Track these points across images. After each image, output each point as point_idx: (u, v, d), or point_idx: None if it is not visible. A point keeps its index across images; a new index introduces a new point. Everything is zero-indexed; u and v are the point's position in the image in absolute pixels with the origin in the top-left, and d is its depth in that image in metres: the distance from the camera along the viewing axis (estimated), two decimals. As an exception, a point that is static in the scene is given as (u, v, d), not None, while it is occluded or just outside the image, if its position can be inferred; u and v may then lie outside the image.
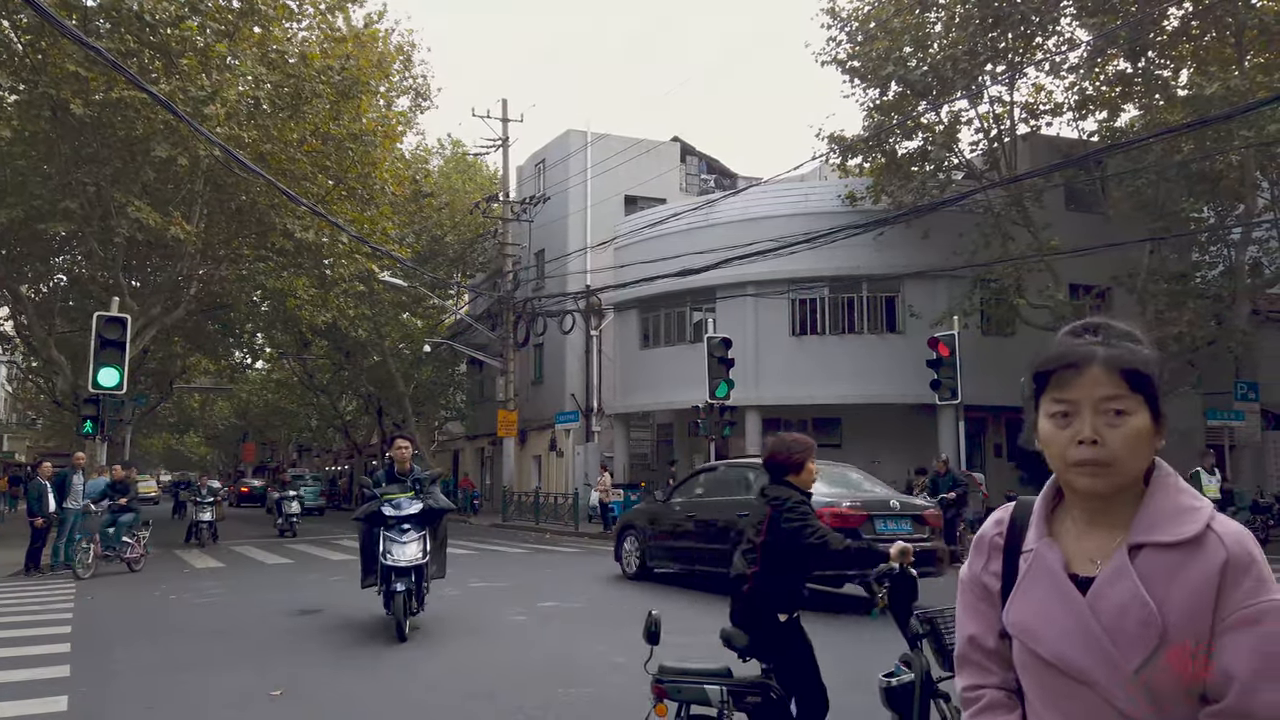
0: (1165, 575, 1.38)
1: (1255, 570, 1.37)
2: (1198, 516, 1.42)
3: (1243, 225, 20.28)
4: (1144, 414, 1.44)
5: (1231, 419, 21.76)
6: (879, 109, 21.08)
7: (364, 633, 8.79)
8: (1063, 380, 1.49)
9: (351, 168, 20.65)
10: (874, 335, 22.59)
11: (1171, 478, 1.49)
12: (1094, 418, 1.44)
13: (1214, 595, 1.36)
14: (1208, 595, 1.36)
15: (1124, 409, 1.43)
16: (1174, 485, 1.47)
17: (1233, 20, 18.13)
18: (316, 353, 37.84)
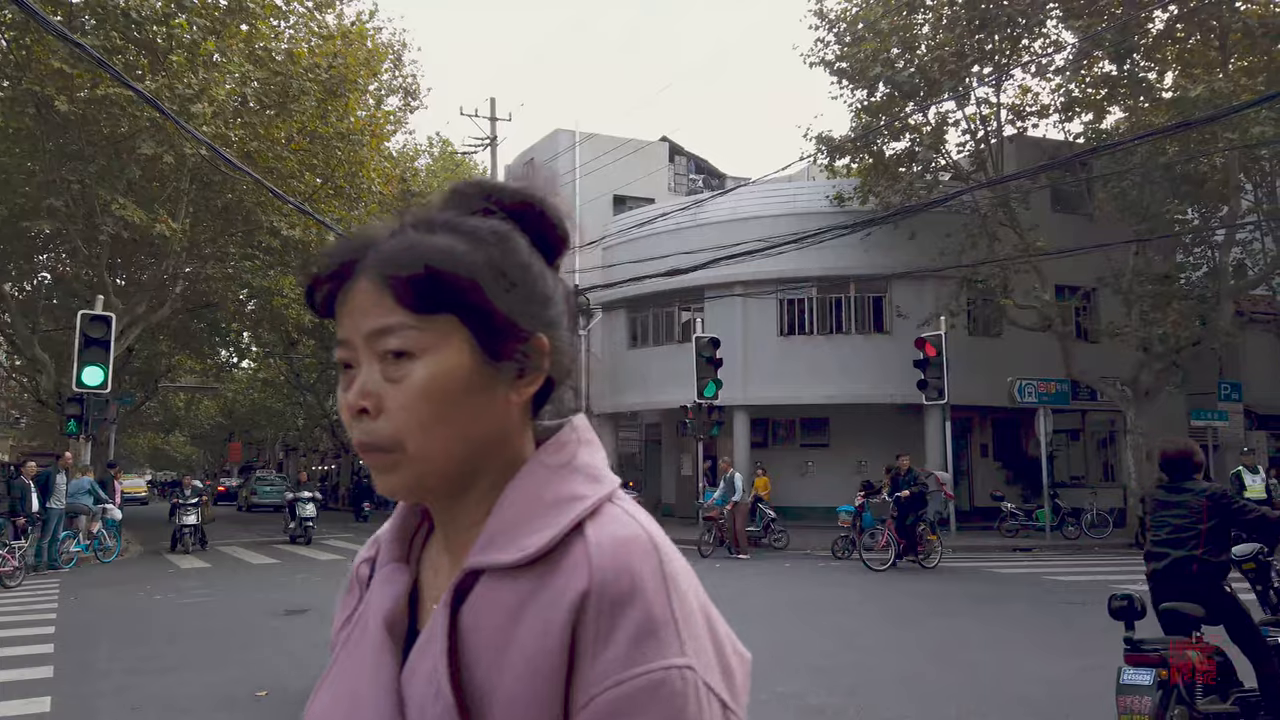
0: (504, 625, 0.75)
1: (640, 611, 0.72)
2: (560, 515, 0.78)
3: (1226, 227, 20.45)
4: (451, 352, 0.79)
5: (1215, 419, 21.95)
6: (867, 110, 21.14)
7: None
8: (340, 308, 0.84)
9: (339, 166, 20.57)
10: (861, 335, 22.66)
11: (558, 456, 0.83)
12: (369, 368, 0.80)
13: (563, 657, 0.72)
14: (552, 659, 0.72)
15: (406, 348, 0.78)
16: (554, 468, 0.82)
17: (1217, 23, 18.28)
18: (304, 352, 37.63)
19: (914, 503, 14.27)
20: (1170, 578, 4.96)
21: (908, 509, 14.24)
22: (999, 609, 10.45)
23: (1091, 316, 23.15)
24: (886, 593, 12.00)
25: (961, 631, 8.94)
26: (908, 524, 14.24)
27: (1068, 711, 5.79)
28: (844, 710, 5.76)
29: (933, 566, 14.12)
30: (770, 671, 6.83)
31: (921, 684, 6.57)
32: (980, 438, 24.76)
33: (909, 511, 14.22)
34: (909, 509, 14.24)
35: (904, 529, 14.24)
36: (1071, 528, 19.02)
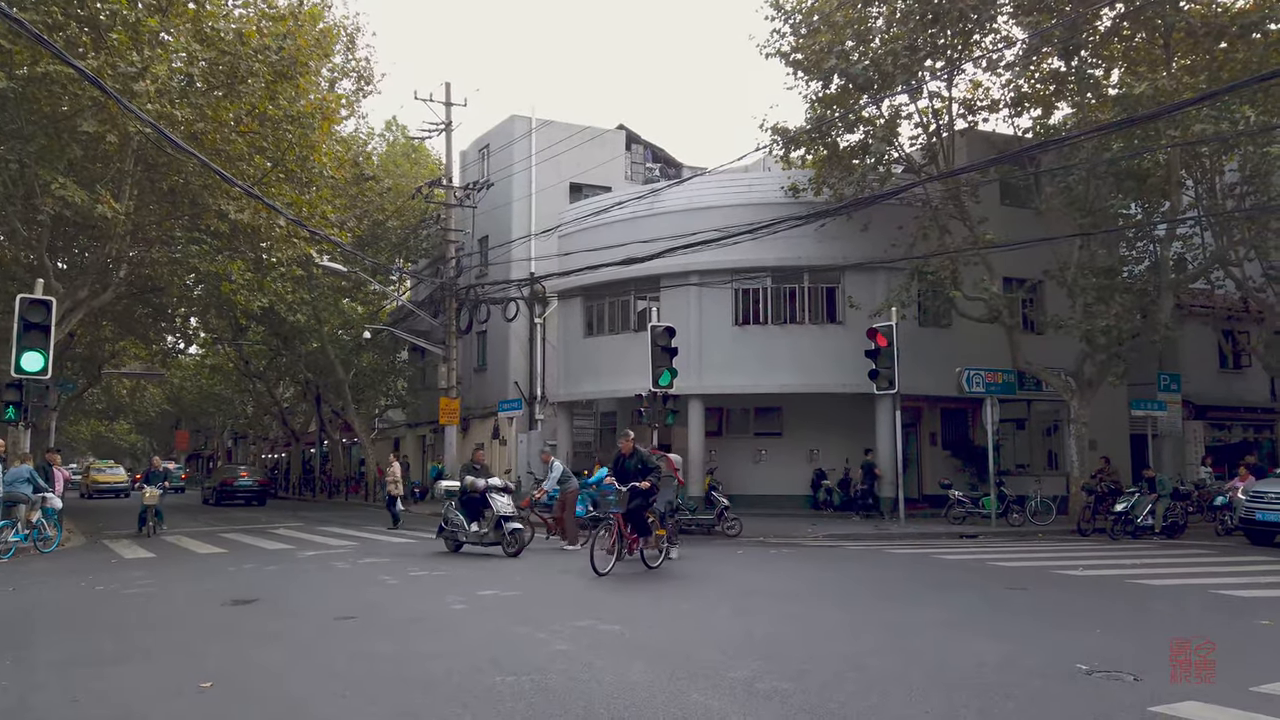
0: None
1: None
2: None
3: (1167, 222, 20.98)
4: None
5: (1155, 409, 22.57)
6: (821, 102, 21.31)
7: (300, 622, 8.68)
8: None
9: (289, 149, 20.19)
10: (815, 325, 22.90)
11: None
12: None
13: None
14: None
15: None
16: None
17: (1161, 22, 18.70)
18: (253, 338, 37.02)
19: (649, 493, 11.97)
20: None
21: (643, 501, 11.92)
22: (943, 594, 10.67)
23: (1037, 308, 23.64)
24: (836, 579, 12.19)
25: (907, 616, 9.12)
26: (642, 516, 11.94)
27: (1009, 693, 5.95)
28: (791, 695, 5.85)
29: (657, 566, 12.13)
30: (721, 657, 6.92)
31: (869, 668, 6.69)
32: (929, 426, 25.19)
33: (636, 501, 11.89)
34: (645, 500, 11.94)
35: (634, 520, 11.93)
36: (1016, 515, 19.46)
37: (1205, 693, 5.89)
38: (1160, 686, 6.07)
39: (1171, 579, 11.84)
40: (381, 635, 8.00)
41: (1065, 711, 5.53)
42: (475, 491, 14.21)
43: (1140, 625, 8.69)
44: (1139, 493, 17.83)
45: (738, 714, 5.45)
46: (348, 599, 10.10)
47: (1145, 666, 6.64)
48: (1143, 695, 5.87)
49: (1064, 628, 8.48)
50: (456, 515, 14.52)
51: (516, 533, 13.86)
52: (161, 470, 19.69)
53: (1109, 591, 10.77)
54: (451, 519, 14.65)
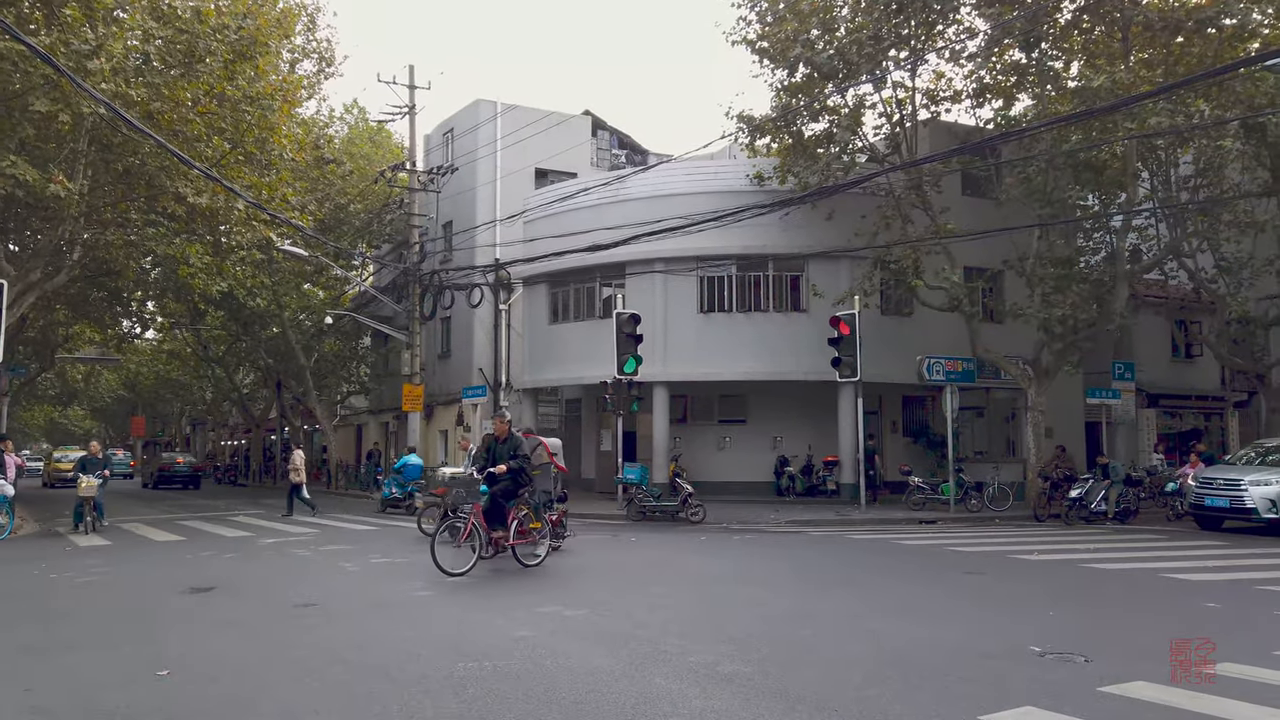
0: None
1: None
2: None
3: (1124, 213, 21.38)
4: None
5: (1109, 397, 23.03)
6: (787, 90, 21.38)
7: (260, 609, 8.61)
8: None
9: (249, 131, 19.84)
10: (779, 313, 23.04)
11: None
12: None
13: None
14: None
15: None
16: None
17: (1120, 16, 18.99)
18: (211, 323, 36.42)
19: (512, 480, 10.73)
20: None
21: (504, 492, 10.68)
22: (903, 579, 10.84)
23: (997, 298, 23.98)
24: (797, 565, 12.32)
25: (867, 601, 9.25)
26: (501, 508, 10.66)
27: (965, 675, 6.07)
28: (752, 678, 5.92)
29: (536, 564, 10.96)
30: (684, 642, 6.98)
31: (829, 651, 6.80)
32: (891, 414, 25.49)
33: (505, 491, 10.69)
34: (506, 491, 10.69)
35: (496, 514, 10.64)
36: (974, 501, 19.78)
37: (1151, 672, 6.06)
38: (1109, 667, 6.23)
39: (1123, 563, 12.12)
40: (342, 622, 7.96)
41: (1017, 691, 5.65)
42: None
43: (1092, 608, 8.89)
44: (1093, 479, 18.22)
45: (699, 696, 5.51)
46: (308, 586, 10.03)
47: (1096, 648, 6.81)
48: (1093, 675, 6.02)
49: (1019, 611, 8.66)
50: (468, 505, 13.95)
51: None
52: (100, 457, 17.43)
53: (1063, 576, 11.01)
54: (464, 509, 14.02)
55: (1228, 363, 25.61)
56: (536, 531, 11.20)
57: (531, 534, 11.10)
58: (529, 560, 11.01)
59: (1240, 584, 10.29)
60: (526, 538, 11.01)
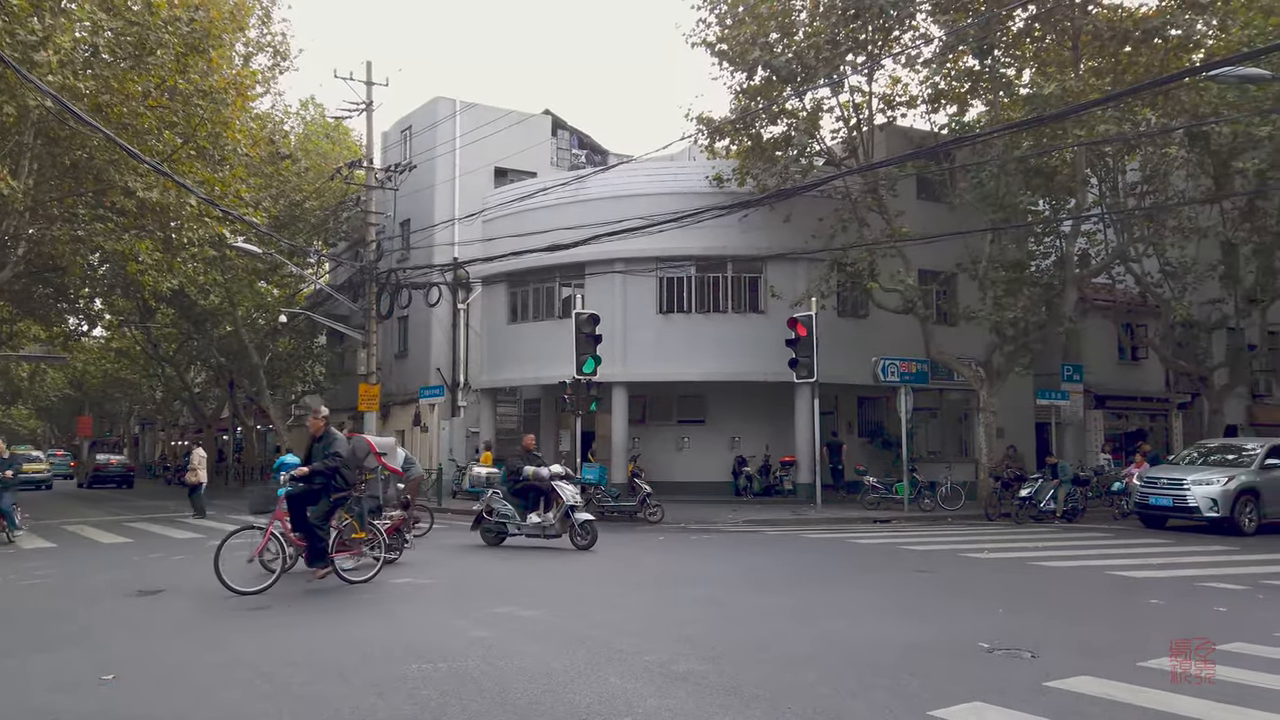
0: None
1: None
2: None
3: (1073, 218, 21.84)
4: None
5: (1058, 398, 23.52)
6: (745, 93, 21.52)
7: (209, 612, 8.46)
8: None
9: (201, 125, 19.48)
10: (738, 314, 23.17)
11: None
12: None
13: None
14: None
15: None
16: None
17: (1070, 24, 19.42)
18: (162, 321, 35.69)
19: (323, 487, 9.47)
20: None
21: (309, 497, 9.46)
22: (856, 577, 10.98)
23: (950, 300, 24.37)
24: (753, 563, 12.41)
25: (822, 599, 9.36)
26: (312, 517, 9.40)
27: (913, 672, 6.17)
28: (707, 676, 5.97)
29: (364, 579, 9.76)
30: (639, 641, 7.01)
31: (783, 649, 6.86)
32: (846, 414, 25.77)
33: (315, 498, 9.47)
34: (312, 496, 9.46)
35: (303, 523, 9.44)
36: (927, 500, 20.08)
37: (1096, 667, 6.21)
38: (1056, 662, 6.37)
39: (1070, 561, 12.39)
40: (294, 623, 7.87)
41: (967, 687, 5.76)
42: (540, 481, 13.25)
43: (1040, 605, 9.08)
44: (1042, 479, 18.59)
45: (654, 695, 5.54)
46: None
47: (1043, 644, 6.96)
48: (1039, 671, 6.16)
49: (969, 608, 8.82)
50: (505, 505, 13.42)
51: (588, 524, 12.99)
52: (6, 457, 15.53)
53: (1012, 573, 11.23)
54: (500, 509, 13.44)
55: (1172, 365, 26.27)
56: (363, 543, 10.03)
57: (356, 546, 9.95)
58: (354, 575, 9.75)
59: (1183, 581, 10.58)
60: (350, 550, 9.86)
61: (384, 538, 10.36)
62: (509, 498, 13.56)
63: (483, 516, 13.70)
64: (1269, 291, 25.37)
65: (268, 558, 9.65)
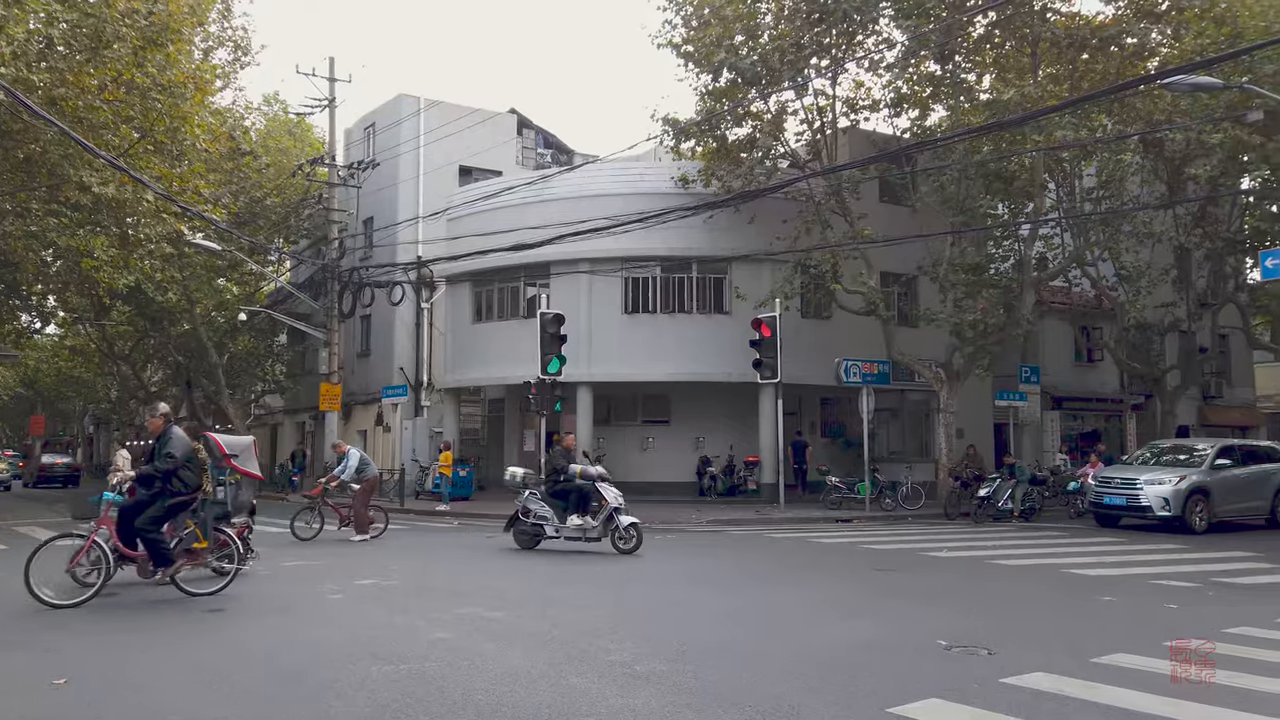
0: None
1: None
2: None
3: (1031, 223, 22.22)
4: None
5: (1016, 399, 23.91)
6: (711, 94, 21.62)
7: (164, 614, 8.32)
8: None
9: (159, 120, 19.14)
10: (703, 315, 23.26)
11: None
12: None
13: None
14: None
15: None
16: None
17: (1029, 32, 19.75)
18: (117, 318, 35.00)
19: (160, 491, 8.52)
20: None
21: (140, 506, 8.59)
22: (818, 577, 11.07)
23: (911, 302, 24.68)
24: (716, 563, 12.48)
25: (783, 598, 9.43)
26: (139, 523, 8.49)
27: (874, 669, 6.25)
28: (669, 676, 5.99)
29: (208, 594, 8.84)
30: (602, 641, 7.02)
31: (744, 648, 6.91)
32: (810, 414, 25.98)
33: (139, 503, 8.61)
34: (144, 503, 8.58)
35: (131, 532, 8.58)
36: (888, 500, 20.31)
37: (1050, 664, 6.33)
38: (1011, 659, 6.48)
39: (1027, 559, 12.60)
40: (252, 626, 7.77)
41: (925, 684, 5.84)
42: (589, 480, 12.82)
43: (997, 603, 9.23)
44: (1000, 479, 18.88)
45: (617, 695, 5.55)
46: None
47: (999, 641, 7.08)
48: (995, 668, 6.26)
49: (928, 607, 8.93)
50: (543, 507, 12.93)
51: (633, 527, 12.61)
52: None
53: (970, 572, 11.40)
54: (536, 510, 12.93)
55: (1126, 367, 26.81)
56: (205, 552, 9.04)
57: (199, 555, 8.99)
58: (197, 588, 8.94)
59: (1135, 578, 10.80)
60: (193, 559, 8.94)
61: (239, 546, 9.30)
62: (547, 499, 13.01)
63: (518, 518, 13.13)
64: (1219, 295, 26.04)
65: (81, 571, 8.79)
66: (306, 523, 14.59)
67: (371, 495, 15.20)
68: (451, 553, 13.46)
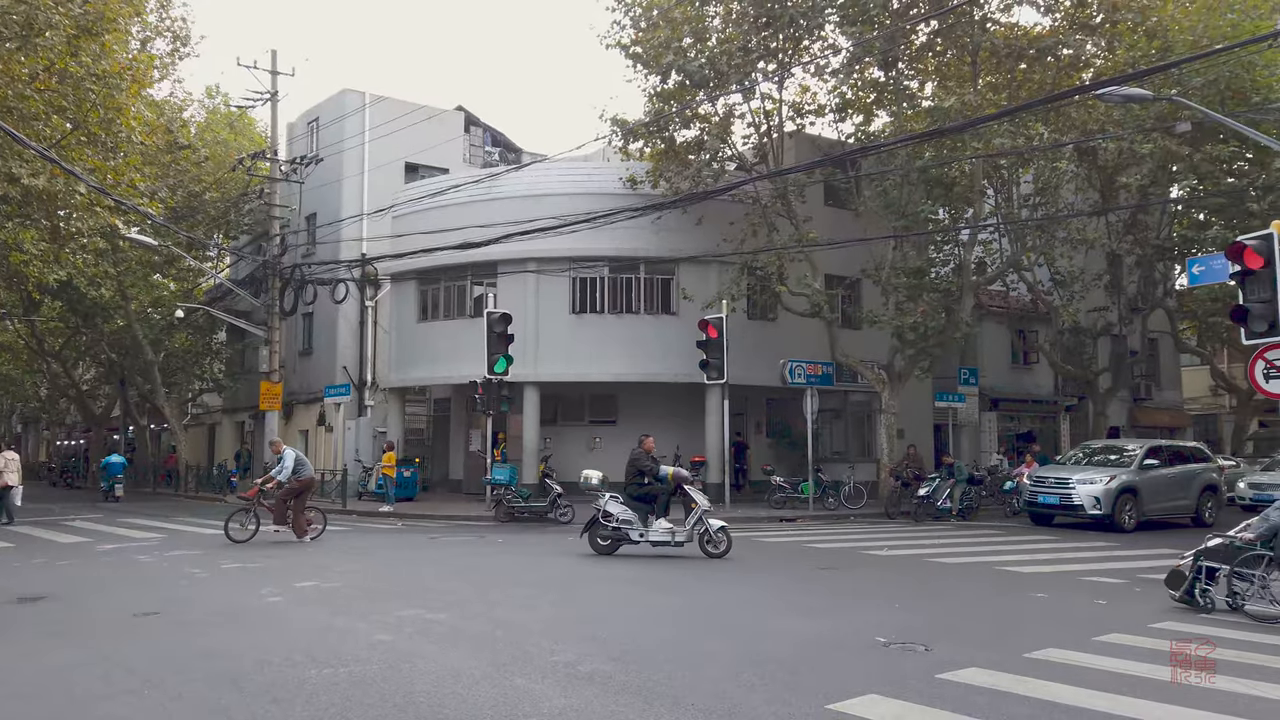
0: None
1: None
2: None
3: (970, 228, 22.71)
4: None
5: (955, 401, 24.41)
6: (659, 96, 21.70)
7: (94, 619, 8.11)
8: None
9: (93, 111, 18.63)
10: (650, 315, 23.31)
11: None
12: None
13: None
14: None
15: None
16: None
17: (970, 41, 20.18)
18: (48, 314, 33.88)
19: None
20: None
21: None
22: (761, 575, 11.19)
23: (855, 305, 25.05)
24: (661, 563, 12.52)
25: (726, 597, 9.52)
26: None
27: (812, 666, 6.35)
28: (612, 676, 6.01)
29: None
30: (546, 642, 7.02)
31: (687, 647, 6.96)
32: (755, 415, 26.21)
33: None
34: None
35: None
36: (831, 499, 20.60)
37: (984, 659, 6.49)
38: (947, 655, 6.63)
39: (964, 557, 12.89)
40: (187, 631, 7.60)
41: (863, 680, 5.96)
42: (682, 482, 12.54)
43: (935, 601, 9.43)
44: (939, 478, 19.28)
45: (560, 696, 5.56)
46: (151, 594, 9.52)
47: (936, 638, 7.24)
48: (932, 663, 6.41)
49: (868, 604, 9.10)
50: (626, 511, 12.55)
51: (724, 530, 12.37)
52: None
53: (909, 570, 11.63)
54: (619, 514, 12.54)
55: (1060, 370, 27.54)
56: None
57: None
58: None
59: (1067, 575, 11.12)
60: None
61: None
62: (630, 502, 12.62)
63: (598, 521, 12.70)
64: (1149, 300, 26.90)
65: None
66: (241, 524, 14.24)
67: (308, 496, 14.92)
68: (393, 553, 13.31)
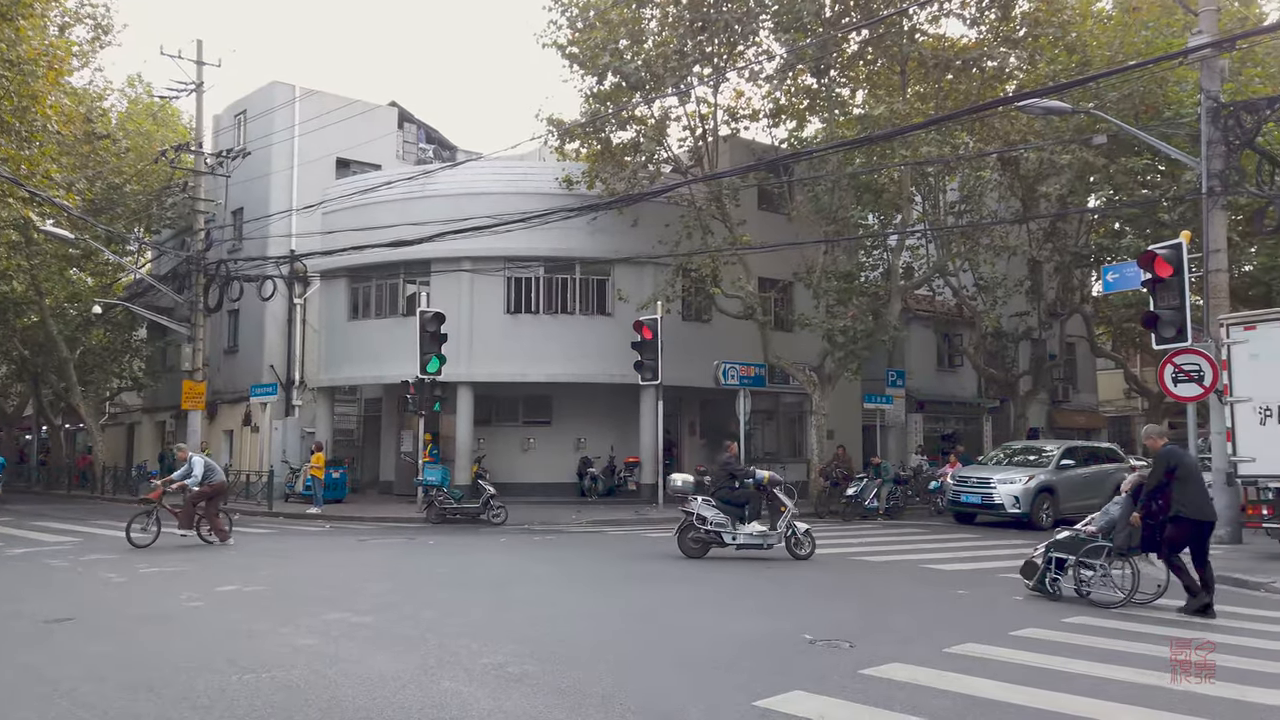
0: None
1: None
2: None
3: (898, 233, 23.23)
4: None
5: (883, 402, 24.94)
6: (596, 97, 21.70)
7: (4, 627, 7.80)
8: None
9: (6, 98, 17.91)
10: (585, 316, 23.31)
11: None
12: None
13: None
14: None
15: None
16: None
17: (899, 50, 20.65)
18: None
19: None
20: None
21: None
22: (693, 576, 11.28)
23: (787, 308, 25.42)
24: (594, 564, 12.56)
25: (658, 598, 9.58)
26: None
27: (741, 665, 6.44)
28: (541, 677, 6.01)
29: None
30: (475, 644, 6.98)
31: (618, 648, 7.00)
32: (689, 416, 26.40)
33: None
34: None
35: None
36: (764, 500, 20.82)
37: (906, 655, 6.67)
38: (871, 652, 6.79)
39: (890, 555, 13.19)
40: (103, 636, 7.37)
41: (789, 677, 6.06)
42: (775, 484, 12.47)
43: (861, 598, 9.64)
44: (867, 479, 19.68)
45: (488, 698, 5.54)
46: (64, 599, 9.19)
47: (861, 635, 7.40)
48: (856, 660, 6.55)
49: (795, 602, 9.26)
50: (718, 514, 12.49)
51: (809, 533, 12.52)
52: None
53: (837, 568, 11.85)
54: (712, 518, 12.46)
55: (983, 372, 28.34)
56: None
57: None
58: None
59: (987, 572, 11.47)
60: None
61: None
62: (721, 506, 12.60)
63: (693, 525, 12.59)
64: (1067, 306, 27.84)
65: None
66: (143, 527, 13.62)
67: (219, 501, 14.46)
68: (321, 556, 13.07)
